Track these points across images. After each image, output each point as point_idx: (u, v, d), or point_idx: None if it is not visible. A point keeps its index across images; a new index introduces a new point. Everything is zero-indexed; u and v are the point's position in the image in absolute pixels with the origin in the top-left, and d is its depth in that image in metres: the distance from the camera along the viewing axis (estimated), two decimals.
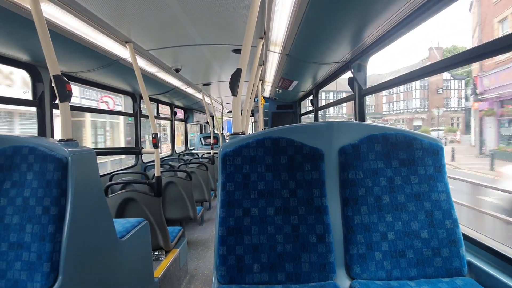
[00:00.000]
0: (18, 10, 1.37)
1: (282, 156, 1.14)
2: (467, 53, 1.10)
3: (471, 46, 2.86)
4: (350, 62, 2.33)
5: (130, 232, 1.64)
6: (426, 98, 30.25)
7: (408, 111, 31.66)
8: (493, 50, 0.98)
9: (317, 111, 4.01)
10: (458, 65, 1.16)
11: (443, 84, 28.70)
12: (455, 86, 28.57)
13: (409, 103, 31.63)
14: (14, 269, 1.08)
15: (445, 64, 1.24)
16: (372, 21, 1.54)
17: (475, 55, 1.05)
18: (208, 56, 2.72)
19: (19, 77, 5.96)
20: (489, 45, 0.98)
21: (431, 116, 29.01)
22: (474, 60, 1.08)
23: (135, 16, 1.70)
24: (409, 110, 31.53)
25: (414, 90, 30.92)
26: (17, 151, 1.19)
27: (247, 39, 1.34)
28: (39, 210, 1.11)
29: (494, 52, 0.99)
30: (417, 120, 30.35)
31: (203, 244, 3.39)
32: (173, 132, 5.77)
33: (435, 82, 28.75)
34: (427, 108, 29.94)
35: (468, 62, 1.12)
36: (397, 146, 1.13)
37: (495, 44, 0.96)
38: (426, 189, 1.09)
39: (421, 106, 30.63)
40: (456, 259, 1.04)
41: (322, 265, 1.05)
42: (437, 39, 38.42)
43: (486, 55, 1.02)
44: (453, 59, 1.17)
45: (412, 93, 31.19)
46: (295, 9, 1.51)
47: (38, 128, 2.20)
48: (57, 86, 1.29)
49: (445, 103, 28.37)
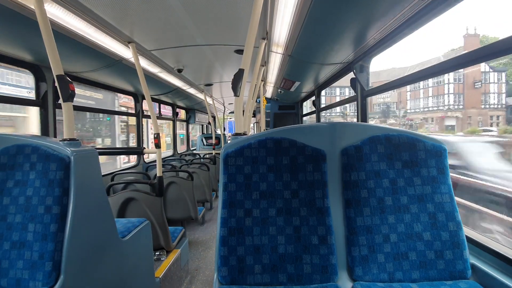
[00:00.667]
0: (22, 10, 1.38)
1: (284, 156, 1.13)
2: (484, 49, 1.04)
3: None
4: (353, 63, 2.32)
5: (131, 232, 1.64)
6: (461, 93, 24.87)
7: (439, 108, 26.57)
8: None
9: (319, 112, 4.01)
10: (472, 63, 1.12)
11: (481, 77, 23.10)
12: (494, 79, 22.99)
13: (439, 99, 26.61)
14: (17, 268, 1.08)
15: (457, 62, 1.20)
16: (375, 22, 1.53)
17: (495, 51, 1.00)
18: (210, 57, 2.72)
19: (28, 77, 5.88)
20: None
21: (467, 114, 23.78)
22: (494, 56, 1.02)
23: (138, 16, 1.70)
24: (440, 107, 26.46)
25: (446, 84, 25.93)
26: (20, 150, 1.19)
27: (249, 39, 1.34)
28: (41, 209, 1.12)
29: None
30: (450, 119, 25.39)
31: (204, 245, 3.39)
32: (175, 132, 5.78)
33: (472, 74, 23.45)
34: (462, 105, 24.64)
35: (486, 58, 1.06)
36: (400, 148, 1.12)
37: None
38: (429, 191, 1.09)
39: (455, 103, 25.21)
40: (459, 262, 1.03)
41: (324, 266, 1.05)
42: (472, 26, 34.29)
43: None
44: (465, 57, 1.14)
45: (444, 87, 26.21)
46: (298, 10, 1.51)
47: (41, 128, 2.22)
48: (60, 86, 1.29)
49: (482, 99, 23.33)
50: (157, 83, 3.41)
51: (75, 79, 2.62)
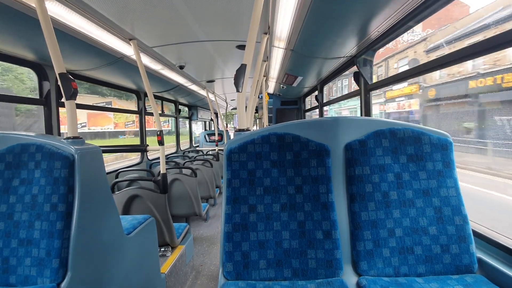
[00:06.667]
0: (23, 8, 1.38)
1: (288, 152, 1.13)
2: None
3: None
4: (356, 56, 2.29)
5: (136, 228, 1.66)
6: None
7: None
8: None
9: (322, 107, 3.98)
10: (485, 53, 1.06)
11: None
12: None
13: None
14: (25, 265, 1.10)
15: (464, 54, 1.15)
16: (378, 14, 1.50)
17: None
18: (212, 53, 2.71)
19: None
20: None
21: None
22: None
23: (139, 13, 1.69)
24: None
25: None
26: (25, 149, 1.20)
27: (251, 34, 1.33)
28: (47, 207, 1.13)
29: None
30: None
31: (208, 240, 3.41)
32: (178, 129, 5.79)
33: None
34: None
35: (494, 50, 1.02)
36: (405, 142, 1.11)
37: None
38: (434, 185, 1.08)
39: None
40: (465, 256, 1.02)
41: (329, 261, 1.05)
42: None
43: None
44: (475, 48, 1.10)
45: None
46: (300, 3, 1.49)
47: (45, 126, 2.23)
48: (63, 84, 1.30)
49: None
50: (159, 80, 3.41)
51: (77, 77, 2.63)
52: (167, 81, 3.59)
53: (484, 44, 1.04)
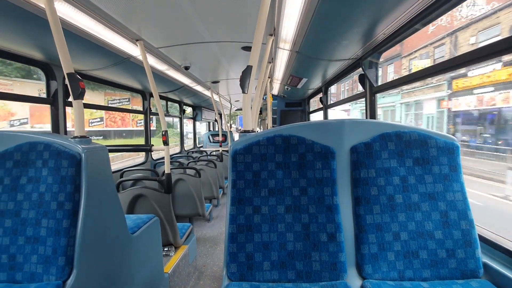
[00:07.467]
0: (32, 9, 1.40)
1: (293, 154, 1.13)
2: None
3: None
4: (361, 59, 2.29)
5: (141, 228, 1.67)
6: None
7: None
8: None
9: (326, 109, 3.97)
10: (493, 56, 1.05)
11: None
12: None
13: None
14: (31, 262, 1.11)
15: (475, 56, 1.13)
16: (384, 16, 1.50)
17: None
18: (217, 54, 2.72)
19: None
20: None
21: None
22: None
23: (146, 14, 1.71)
24: None
25: None
26: (33, 148, 1.22)
27: (257, 36, 1.33)
28: (54, 205, 1.14)
29: None
30: None
31: (211, 241, 3.42)
32: (182, 129, 5.82)
33: None
34: None
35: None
36: (411, 145, 1.10)
37: None
38: (441, 188, 1.07)
39: None
40: (471, 261, 1.01)
41: (333, 264, 1.04)
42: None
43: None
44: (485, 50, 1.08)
45: None
46: (306, 5, 1.49)
47: (52, 125, 2.26)
48: (71, 84, 1.31)
49: None
50: (164, 80, 3.44)
51: (84, 77, 2.66)
52: (172, 82, 3.61)
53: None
